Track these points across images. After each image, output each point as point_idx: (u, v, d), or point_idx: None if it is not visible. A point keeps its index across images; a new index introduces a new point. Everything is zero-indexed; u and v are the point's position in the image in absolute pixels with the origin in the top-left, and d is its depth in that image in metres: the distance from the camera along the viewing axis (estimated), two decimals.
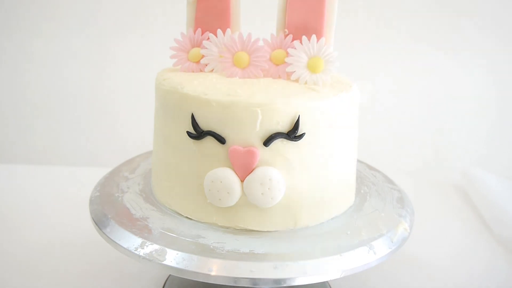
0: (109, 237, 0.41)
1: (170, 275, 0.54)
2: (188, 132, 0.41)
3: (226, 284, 0.37)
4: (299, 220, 0.43)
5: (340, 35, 0.48)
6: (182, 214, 0.44)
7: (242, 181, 0.40)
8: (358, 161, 0.54)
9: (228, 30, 0.45)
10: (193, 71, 0.47)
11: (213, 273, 0.37)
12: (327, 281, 0.53)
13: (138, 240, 0.40)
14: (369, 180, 0.54)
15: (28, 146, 0.97)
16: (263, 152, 0.40)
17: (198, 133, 0.41)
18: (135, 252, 0.39)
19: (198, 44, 0.47)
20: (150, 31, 0.90)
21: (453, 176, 0.86)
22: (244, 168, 0.40)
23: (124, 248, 0.40)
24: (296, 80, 0.45)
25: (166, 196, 0.46)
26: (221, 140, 0.40)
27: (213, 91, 0.41)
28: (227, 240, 0.40)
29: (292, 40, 0.45)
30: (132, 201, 0.46)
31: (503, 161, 0.93)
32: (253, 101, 0.39)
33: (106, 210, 0.44)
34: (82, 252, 0.57)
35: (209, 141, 0.41)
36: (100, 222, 0.43)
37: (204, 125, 0.41)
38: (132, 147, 0.68)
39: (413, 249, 0.53)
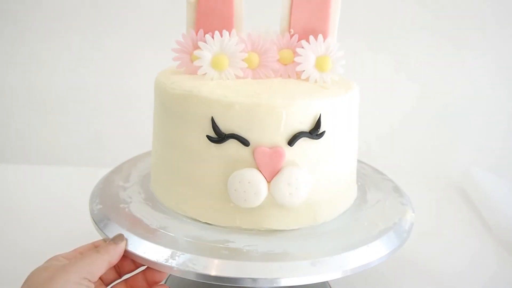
0: (134, 253, 0.39)
1: (170, 275, 0.54)
2: (208, 136, 0.41)
3: (226, 284, 0.37)
4: (318, 216, 0.44)
5: (341, 35, 0.48)
6: (200, 220, 0.43)
7: (268, 181, 0.40)
8: None
9: (234, 31, 0.45)
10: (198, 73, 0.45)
11: (213, 273, 0.37)
12: (327, 281, 0.53)
13: (166, 251, 0.39)
14: (361, 172, 0.55)
15: (28, 146, 0.97)
16: (288, 152, 0.40)
17: (219, 136, 0.40)
18: (167, 264, 0.38)
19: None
20: (149, 32, 0.90)
21: (453, 176, 0.86)
22: (271, 168, 0.40)
23: (153, 261, 0.38)
24: (306, 79, 0.45)
25: (180, 203, 0.45)
26: (245, 142, 0.40)
27: (233, 93, 0.40)
28: (258, 242, 0.40)
29: (298, 40, 0.45)
30: (143, 211, 0.45)
31: (503, 161, 0.93)
32: (277, 102, 0.40)
33: (118, 223, 0.42)
34: None
35: (231, 143, 0.40)
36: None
37: (225, 128, 0.40)
38: (132, 147, 0.68)
39: (413, 249, 0.53)
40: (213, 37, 0.44)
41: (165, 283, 0.53)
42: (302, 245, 0.40)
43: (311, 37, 0.45)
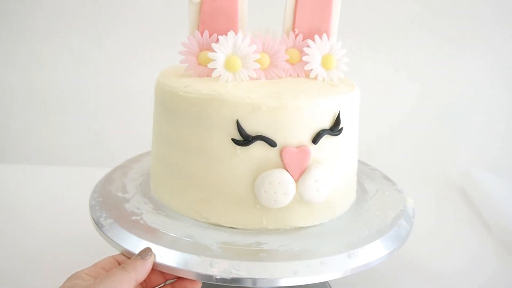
0: (168, 265, 0.38)
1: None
2: (233, 139, 0.40)
3: (227, 284, 0.37)
4: (337, 210, 0.45)
5: (340, 34, 0.49)
6: (225, 225, 0.43)
7: (296, 180, 0.41)
8: None
9: (240, 32, 0.44)
10: (207, 76, 0.45)
11: (213, 273, 0.37)
12: (327, 281, 0.53)
13: (205, 260, 0.38)
14: None
15: (28, 146, 0.97)
16: (313, 150, 0.41)
17: (246, 139, 0.40)
18: (207, 273, 0.37)
19: (207, 47, 0.45)
20: (149, 32, 0.90)
21: (453, 176, 0.86)
22: (298, 167, 0.41)
23: (193, 272, 0.37)
24: (314, 78, 0.47)
25: (199, 209, 0.43)
26: (272, 143, 0.40)
27: (256, 94, 0.40)
28: (289, 241, 0.40)
29: (303, 40, 0.47)
30: (159, 222, 0.43)
31: (503, 161, 0.93)
32: (301, 102, 0.40)
33: (139, 236, 0.41)
34: (82, 253, 0.57)
35: (258, 145, 0.40)
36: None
37: (252, 130, 0.40)
38: (132, 147, 0.68)
39: (413, 249, 0.53)
40: (219, 39, 0.43)
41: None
42: (333, 240, 0.41)
43: (316, 37, 0.46)
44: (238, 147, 0.40)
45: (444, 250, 0.62)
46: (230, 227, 0.43)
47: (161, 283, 0.41)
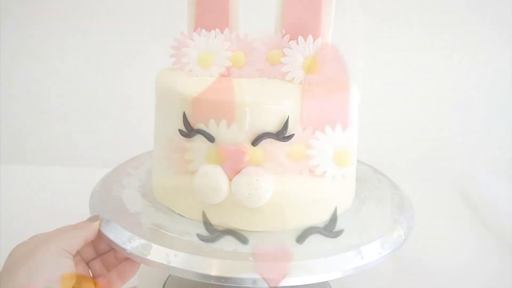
0: (102, 232, 0.42)
1: (170, 275, 0.54)
2: (180, 130, 0.42)
3: (226, 284, 0.37)
4: (288, 221, 0.42)
5: (340, 35, 0.48)
6: (175, 211, 0.45)
7: (230, 180, 0.40)
8: (363, 163, 0.54)
9: (227, 30, 0.45)
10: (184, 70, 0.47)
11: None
12: (327, 281, 0.53)
13: (127, 234, 0.40)
14: (373, 184, 0.53)
15: (28, 146, 0.97)
16: (252, 152, 0.40)
17: (188, 131, 0.41)
18: (122, 246, 0.40)
19: None
20: (151, 30, 0.90)
21: (453, 176, 0.86)
22: (233, 167, 0.40)
23: (112, 241, 0.41)
24: (291, 80, 0.44)
25: (161, 193, 0.47)
26: (210, 138, 0.40)
27: (204, 89, 0.41)
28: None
29: (289, 41, 0.45)
30: (130, 197, 0.47)
31: (503, 161, 0.93)
32: (243, 100, 0.40)
33: (103, 204, 0.46)
34: None
35: (199, 139, 0.41)
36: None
37: (194, 123, 0.41)
38: (132, 147, 0.68)
39: (413, 249, 0.52)
40: (193, 36, 0.46)
41: (164, 283, 0.53)
42: (248, 247, 0.40)
43: (300, 38, 0.44)
44: (184, 138, 0.42)
45: (444, 250, 0.62)
46: (179, 214, 0.44)
47: (109, 250, 0.44)
